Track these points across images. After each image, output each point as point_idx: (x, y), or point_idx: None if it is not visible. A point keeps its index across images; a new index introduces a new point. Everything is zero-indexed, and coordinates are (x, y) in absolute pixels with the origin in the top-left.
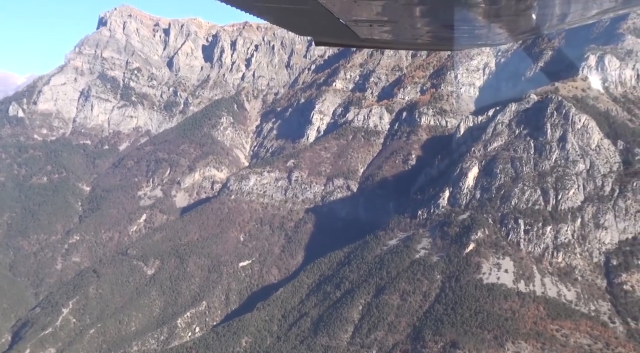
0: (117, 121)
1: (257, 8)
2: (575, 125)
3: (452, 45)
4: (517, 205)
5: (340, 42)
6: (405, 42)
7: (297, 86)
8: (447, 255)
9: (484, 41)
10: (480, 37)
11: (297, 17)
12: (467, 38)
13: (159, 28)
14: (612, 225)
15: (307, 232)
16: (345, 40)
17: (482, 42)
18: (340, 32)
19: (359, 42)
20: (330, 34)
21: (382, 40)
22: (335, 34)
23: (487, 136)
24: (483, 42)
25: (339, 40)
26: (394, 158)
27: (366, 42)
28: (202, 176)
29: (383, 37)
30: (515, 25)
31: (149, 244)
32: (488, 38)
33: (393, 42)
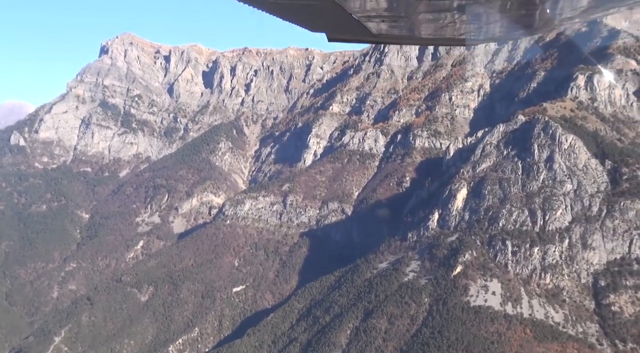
0: (117, 148)
1: (270, 5)
2: (562, 145)
3: (465, 40)
4: (504, 227)
5: (353, 38)
6: (418, 38)
7: (296, 110)
8: (435, 278)
9: (497, 36)
10: (493, 32)
11: (310, 13)
12: (480, 33)
13: (160, 55)
14: (600, 245)
15: (301, 256)
16: (358, 36)
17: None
18: (353, 28)
19: (371, 38)
20: (342, 30)
21: (395, 36)
22: (348, 30)
23: (476, 157)
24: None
25: (352, 36)
26: (388, 181)
27: (379, 37)
28: (200, 201)
29: (396, 33)
30: (529, 20)
31: (144, 271)
32: (501, 32)
33: (406, 37)
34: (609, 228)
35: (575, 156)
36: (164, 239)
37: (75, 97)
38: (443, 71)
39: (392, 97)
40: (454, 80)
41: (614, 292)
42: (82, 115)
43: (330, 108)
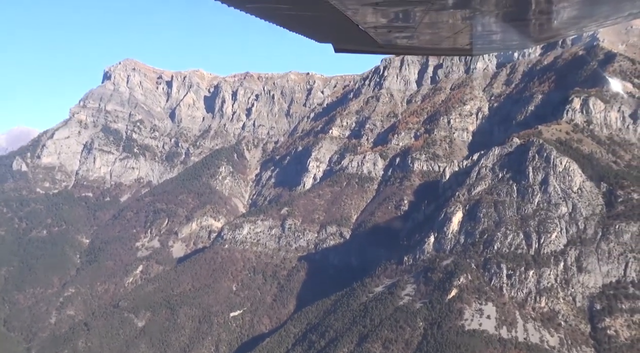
0: (119, 173)
1: (276, 16)
2: (557, 168)
3: (472, 50)
4: (500, 250)
5: (360, 49)
6: (425, 48)
7: (297, 134)
8: (430, 302)
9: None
10: (500, 42)
11: (316, 24)
12: (487, 43)
13: (162, 80)
14: (596, 268)
15: (299, 281)
16: (365, 47)
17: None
18: (360, 39)
19: (378, 48)
20: (349, 40)
21: (402, 46)
22: (355, 41)
23: (471, 180)
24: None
25: (359, 46)
26: (387, 204)
27: (386, 48)
28: (199, 226)
29: (402, 43)
30: (536, 30)
31: (141, 296)
32: (508, 42)
33: (413, 47)
34: (605, 251)
35: (570, 179)
36: (163, 264)
37: (77, 122)
38: (442, 94)
39: (391, 120)
40: (453, 104)
41: (609, 316)
42: (84, 141)
43: (330, 132)
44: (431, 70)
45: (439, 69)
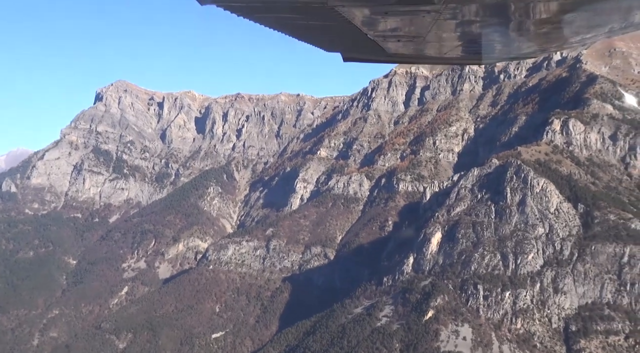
0: (108, 194)
1: (286, 25)
2: (534, 188)
3: (481, 59)
4: (477, 271)
5: (369, 58)
6: (433, 57)
7: (286, 155)
8: (406, 323)
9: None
10: (508, 51)
11: (325, 33)
12: (495, 51)
13: (154, 102)
14: (572, 289)
15: (283, 302)
16: (374, 56)
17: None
18: (368, 48)
19: (387, 57)
20: (357, 49)
21: (410, 55)
22: (363, 50)
23: (451, 201)
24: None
25: (367, 55)
26: (371, 225)
27: (394, 57)
28: (186, 247)
29: (411, 52)
30: (543, 39)
31: (124, 317)
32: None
33: (421, 56)
34: (581, 272)
35: (547, 199)
36: (149, 285)
37: (68, 143)
38: (428, 115)
39: (378, 141)
40: (439, 125)
41: (584, 337)
42: (74, 162)
43: (318, 153)
44: (418, 91)
45: (426, 90)
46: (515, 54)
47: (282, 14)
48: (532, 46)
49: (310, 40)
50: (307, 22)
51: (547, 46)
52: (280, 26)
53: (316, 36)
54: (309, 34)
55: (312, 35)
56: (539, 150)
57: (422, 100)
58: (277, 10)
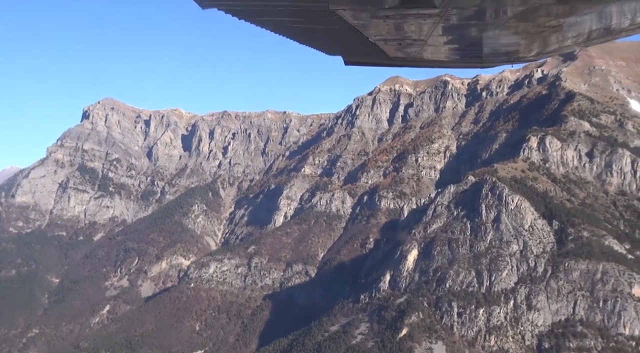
0: (93, 212)
1: (287, 29)
2: (509, 205)
3: (482, 62)
4: (451, 288)
5: (370, 61)
6: (435, 60)
7: (271, 172)
8: (381, 341)
9: (512, 58)
10: (509, 54)
11: (327, 37)
12: (496, 55)
13: (141, 119)
14: (545, 306)
15: (263, 320)
16: (375, 59)
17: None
18: (370, 51)
19: (388, 61)
20: (359, 53)
21: (412, 59)
22: (365, 53)
23: (428, 218)
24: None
25: (369, 59)
26: (353, 242)
27: (396, 60)
28: (169, 265)
29: (412, 56)
30: (543, 42)
31: (103, 336)
32: (517, 55)
33: (422, 60)
34: (554, 289)
35: (522, 216)
36: (131, 303)
37: (54, 161)
38: (412, 133)
39: (362, 158)
40: (421, 142)
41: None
42: (60, 180)
43: (302, 170)
44: (402, 108)
45: (409, 107)
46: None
47: (283, 17)
48: (532, 49)
49: (311, 44)
50: (309, 26)
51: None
52: (282, 30)
53: (317, 40)
54: (310, 37)
55: (314, 39)
56: (516, 167)
57: (405, 118)
58: (278, 14)
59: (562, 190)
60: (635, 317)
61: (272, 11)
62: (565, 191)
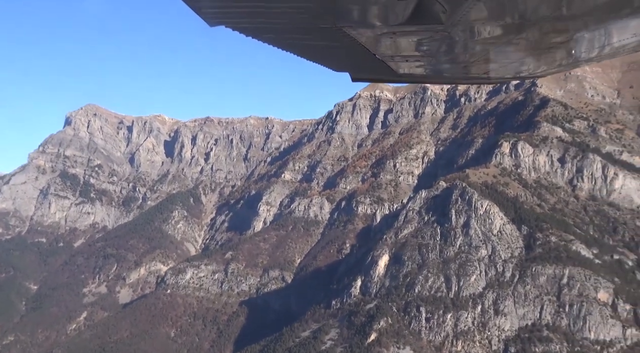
0: (74, 218)
1: (294, 46)
2: (478, 211)
3: (490, 78)
4: (420, 293)
5: (377, 78)
6: (442, 76)
7: (253, 178)
8: (350, 346)
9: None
10: (517, 70)
11: (333, 53)
12: (503, 71)
13: (123, 125)
14: (512, 311)
15: (238, 326)
16: (382, 76)
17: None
18: (377, 68)
19: (395, 77)
20: (366, 69)
21: (419, 75)
22: (372, 70)
23: (399, 223)
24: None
25: (376, 75)
26: (330, 247)
27: (403, 77)
28: (148, 271)
29: (420, 72)
30: (552, 58)
31: (77, 343)
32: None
33: (430, 76)
34: (521, 294)
35: (491, 221)
36: (109, 310)
37: (35, 167)
38: (391, 138)
39: (341, 164)
40: (400, 148)
41: None
42: (41, 186)
43: (282, 176)
44: (382, 114)
45: (389, 113)
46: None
47: (290, 34)
48: (540, 65)
49: (318, 61)
50: (316, 43)
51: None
52: (289, 47)
53: (325, 56)
54: (317, 54)
55: (321, 56)
56: (487, 173)
57: (385, 123)
58: (285, 31)
59: (532, 195)
60: (600, 321)
61: (280, 28)
62: (535, 196)
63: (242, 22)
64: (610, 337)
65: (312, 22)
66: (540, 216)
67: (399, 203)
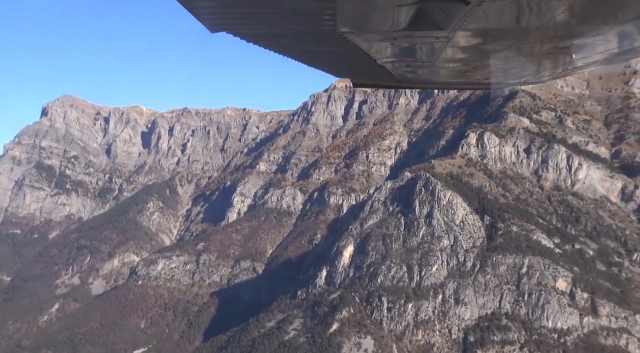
0: (49, 209)
1: (296, 52)
2: (441, 201)
3: (489, 85)
4: (382, 283)
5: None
6: (442, 82)
7: (229, 169)
8: (312, 336)
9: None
10: (517, 76)
11: (335, 59)
12: (503, 77)
13: (100, 116)
14: (472, 300)
15: (209, 317)
16: (383, 81)
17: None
18: (378, 73)
19: (396, 83)
20: (367, 75)
21: (419, 81)
22: (373, 76)
23: (365, 214)
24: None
25: (377, 81)
26: (301, 238)
27: (403, 82)
28: (121, 262)
29: (420, 78)
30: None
31: (47, 335)
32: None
33: (430, 82)
34: (481, 283)
35: (453, 212)
36: (81, 301)
37: (11, 159)
38: (365, 129)
39: (315, 155)
40: (372, 139)
41: (481, 348)
42: (16, 177)
43: (257, 167)
44: (357, 105)
45: (364, 104)
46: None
47: (292, 40)
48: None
49: (320, 66)
50: (317, 49)
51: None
52: (290, 52)
53: (326, 62)
54: (319, 60)
55: (322, 62)
56: (453, 163)
57: (360, 114)
58: (286, 37)
59: (497, 185)
60: (558, 310)
61: (281, 35)
62: (500, 187)
63: (243, 28)
64: (568, 325)
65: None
66: (503, 206)
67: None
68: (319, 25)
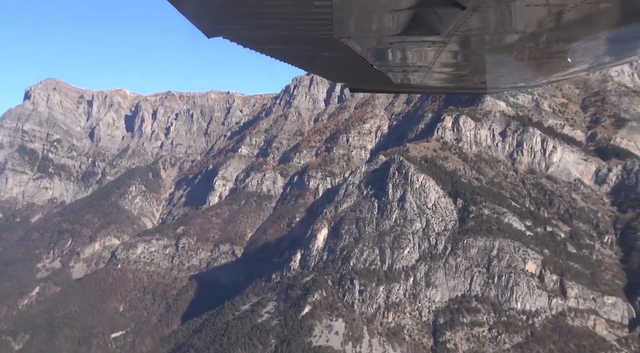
0: (31, 193)
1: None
2: (414, 184)
3: (487, 88)
4: (355, 266)
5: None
6: (439, 86)
7: (212, 153)
8: (284, 319)
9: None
10: (514, 80)
11: (331, 64)
12: (501, 81)
13: (84, 100)
14: (443, 283)
15: (187, 300)
16: (380, 86)
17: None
18: (374, 78)
19: (393, 88)
20: (364, 80)
21: (417, 85)
22: (370, 80)
23: (339, 197)
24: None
25: (374, 86)
26: (280, 222)
27: (400, 87)
28: (102, 246)
29: (417, 82)
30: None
31: (24, 317)
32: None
33: (427, 86)
34: (452, 266)
35: (426, 195)
36: (61, 285)
37: None
38: (346, 113)
39: (297, 139)
40: (353, 122)
41: (451, 330)
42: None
43: (239, 150)
44: (339, 89)
45: (346, 88)
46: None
47: (288, 45)
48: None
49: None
50: (313, 54)
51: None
52: (287, 57)
53: (322, 67)
54: (315, 65)
55: (319, 67)
56: (428, 147)
57: (342, 98)
58: (283, 42)
59: (472, 169)
60: (527, 292)
61: (277, 39)
62: (474, 170)
63: (240, 33)
64: (536, 307)
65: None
66: (477, 189)
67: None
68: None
